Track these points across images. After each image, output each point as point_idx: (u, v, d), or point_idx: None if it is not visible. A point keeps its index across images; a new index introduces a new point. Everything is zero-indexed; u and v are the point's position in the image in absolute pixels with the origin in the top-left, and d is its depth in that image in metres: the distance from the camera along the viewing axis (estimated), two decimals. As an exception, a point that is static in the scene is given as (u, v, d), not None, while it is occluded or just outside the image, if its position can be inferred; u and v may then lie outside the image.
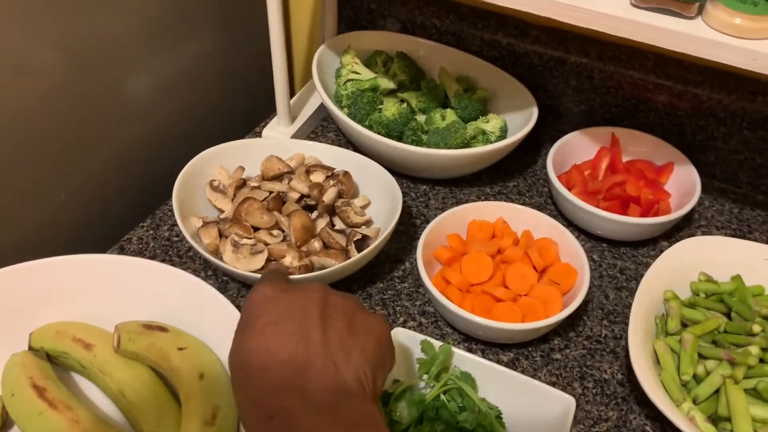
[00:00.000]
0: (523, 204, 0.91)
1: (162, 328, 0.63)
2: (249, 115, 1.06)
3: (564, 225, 0.87)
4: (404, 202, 0.92)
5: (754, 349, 0.64)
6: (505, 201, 0.91)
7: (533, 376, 0.71)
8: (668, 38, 0.61)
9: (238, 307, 0.76)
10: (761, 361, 0.64)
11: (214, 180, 0.81)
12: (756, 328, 0.66)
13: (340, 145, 1.00)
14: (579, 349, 0.74)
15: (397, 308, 0.78)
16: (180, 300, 0.66)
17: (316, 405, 0.40)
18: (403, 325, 0.76)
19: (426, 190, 0.94)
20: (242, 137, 0.96)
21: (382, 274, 0.82)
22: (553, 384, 0.71)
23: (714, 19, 0.60)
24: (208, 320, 0.65)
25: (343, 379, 0.42)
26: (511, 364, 0.72)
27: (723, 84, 0.88)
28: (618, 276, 0.82)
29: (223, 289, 0.79)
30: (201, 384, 0.59)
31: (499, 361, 0.73)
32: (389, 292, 0.80)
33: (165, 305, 0.66)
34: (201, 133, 0.99)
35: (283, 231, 0.77)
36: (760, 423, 0.60)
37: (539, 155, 0.99)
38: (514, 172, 0.97)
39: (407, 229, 0.88)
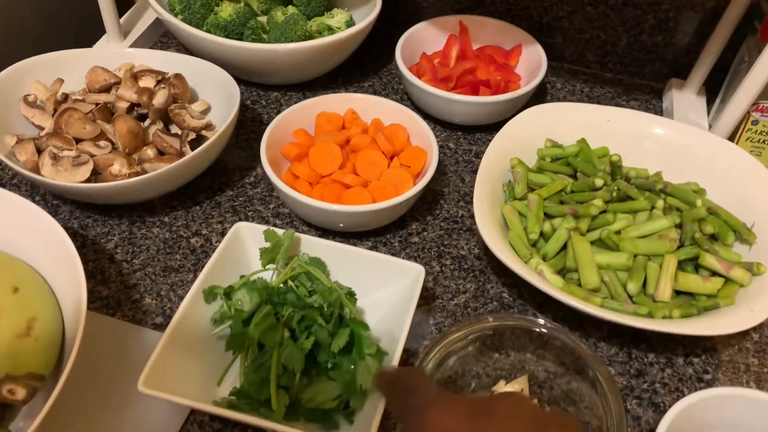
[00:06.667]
0: (377, 101, 0.88)
1: (-33, 247, 0.56)
2: (80, 38, 0.96)
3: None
4: (254, 109, 0.87)
5: (597, 201, 0.64)
6: (360, 100, 0.88)
7: (391, 261, 0.69)
8: None
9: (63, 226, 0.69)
10: (605, 212, 0.65)
11: (29, 95, 0.73)
12: (598, 182, 0.66)
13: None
14: (436, 231, 0.73)
15: (249, 213, 0.74)
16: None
17: None
18: (256, 228, 0.72)
19: (278, 97, 0.89)
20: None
21: (232, 182, 0.77)
22: (412, 265, 0.69)
23: None
24: (21, 232, 0.58)
25: None
26: (369, 253, 0.70)
27: (562, -39, 0.87)
28: (473, 160, 0.82)
29: (53, 213, 0.72)
30: (14, 298, 0.53)
31: (356, 251, 0.70)
32: (240, 199, 0.75)
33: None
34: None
35: (112, 143, 0.70)
36: (605, 268, 0.61)
37: (394, 53, 0.97)
38: (369, 72, 0.94)
39: (258, 137, 0.82)
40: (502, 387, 0.57)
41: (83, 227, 0.71)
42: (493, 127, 0.85)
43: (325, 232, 0.72)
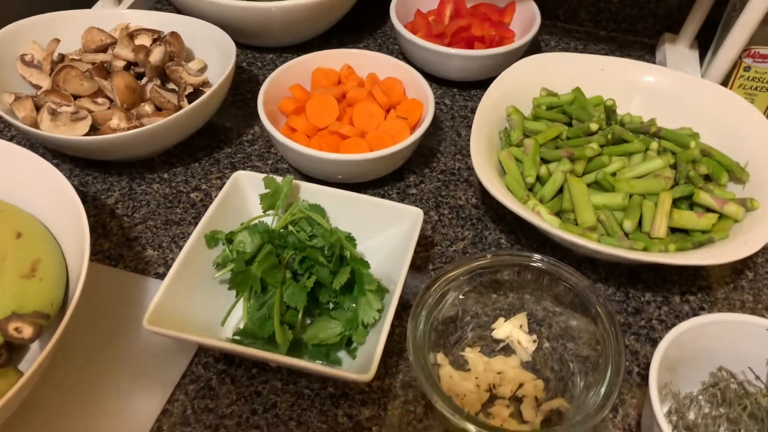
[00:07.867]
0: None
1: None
2: (75, 4, 0.96)
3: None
4: (250, 71, 0.88)
5: (593, 144, 0.65)
6: (355, 60, 0.89)
7: (389, 210, 0.70)
8: None
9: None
10: (600, 155, 0.66)
11: (26, 54, 0.73)
12: (594, 126, 0.67)
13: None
14: (434, 183, 0.73)
15: (248, 169, 0.74)
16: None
17: None
18: (255, 182, 0.73)
19: (273, 59, 0.89)
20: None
21: (230, 140, 0.78)
22: (410, 215, 0.70)
23: None
24: (24, 183, 0.59)
25: None
26: (368, 204, 0.71)
27: None
28: (469, 116, 0.82)
29: (53, 172, 0.72)
30: (18, 242, 0.53)
31: (355, 203, 0.71)
32: (238, 156, 0.76)
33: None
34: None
35: (110, 99, 0.71)
36: (601, 208, 0.61)
37: (388, 15, 0.97)
38: (364, 34, 0.94)
39: (254, 96, 0.83)
40: (501, 324, 0.58)
41: (83, 184, 0.71)
42: (488, 84, 0.85)
43: (324, 185, 0.72)
